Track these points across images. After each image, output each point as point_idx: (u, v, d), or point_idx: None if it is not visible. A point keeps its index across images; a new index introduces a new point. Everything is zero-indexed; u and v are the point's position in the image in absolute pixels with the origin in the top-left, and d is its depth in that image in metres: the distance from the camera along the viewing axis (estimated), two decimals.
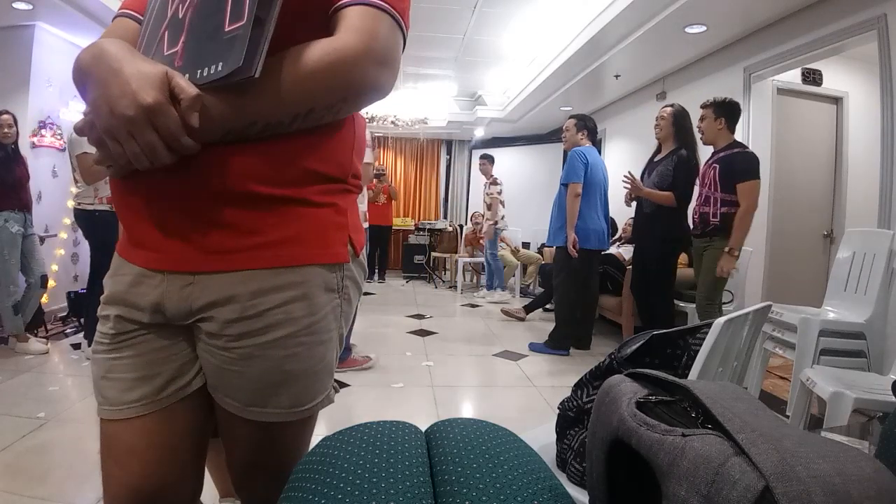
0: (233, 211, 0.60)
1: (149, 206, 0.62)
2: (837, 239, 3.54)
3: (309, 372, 0.66)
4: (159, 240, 0.62)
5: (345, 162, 0.68)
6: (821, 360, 2.17)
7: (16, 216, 3.02)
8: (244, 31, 0.52)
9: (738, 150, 2.58)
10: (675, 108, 3.02)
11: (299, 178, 0.63)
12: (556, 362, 3.28)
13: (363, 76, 0.59)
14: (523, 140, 7.57)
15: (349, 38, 0.58)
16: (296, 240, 0.63)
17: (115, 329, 0.66)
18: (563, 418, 1.02)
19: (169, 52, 0.59)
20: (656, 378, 0.55)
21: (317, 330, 0.65)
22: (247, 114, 0.56)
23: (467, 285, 6.60)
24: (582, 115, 3.63)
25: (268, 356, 0.62)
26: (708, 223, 2.63)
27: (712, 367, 1.04)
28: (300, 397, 0.66)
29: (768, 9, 3.14)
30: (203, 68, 0.54)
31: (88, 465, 1.73)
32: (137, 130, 0.51)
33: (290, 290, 0.62)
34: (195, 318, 0.63)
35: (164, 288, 0.62)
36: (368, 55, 0.58)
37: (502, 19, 4.28)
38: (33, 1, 3.30)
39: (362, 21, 0.59)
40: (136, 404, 0.65)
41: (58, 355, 3.08)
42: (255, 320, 0.61)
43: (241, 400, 0.65)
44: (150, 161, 0.53)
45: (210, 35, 0.55)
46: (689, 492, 0.39)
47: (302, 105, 0.58)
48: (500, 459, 0.59)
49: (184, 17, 0.59)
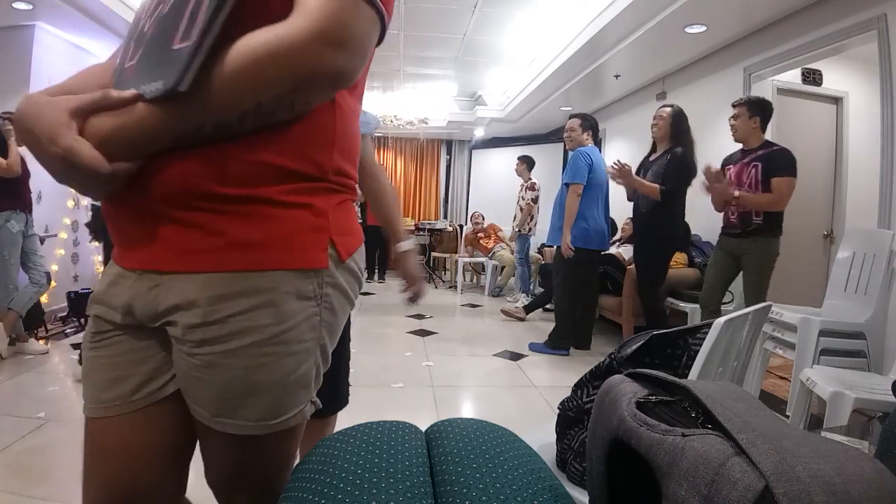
0: (194, 213, 0.58)
1: (123, 210, 0.63)
2: (837, 239, 3.54)
3: (279, 384, 0.62)
4: (132, 239, 0.63)
5: (321, 159, 0.63)
6: (821, 360, 2.17)
7: (17, 216, 3.02)
8: (189, 51, 0.52)
9: (779, 148, 2.54)
10: (674, 109, 3.03)
11: (257, 175, 0.59)
12: (556, 362, 3.28)
13: (314, 62, 0.53)
14: (523, 140, 7.57)
15: (297, 21, 0.53)
16: (262, 243, 0.59)
17: (94, 328, 0.67)
18: (563, 418, 1.02)
19: (128, 64, 0.60)
20: (656, 378, 0.55)
21: (285, 340, 0.61)
22: (190, 120, 0.54)
23: (467, 285, 6.60)
24: (585, 115, 3.61)
25: (231, 365, 0.60)
26: (750, 223, 2.57)
27: (712, 367, 1.04)
28: (270, 410, 0.62)
29: (768, 9, 3.14)
30: (148, 83, 0.54)
31: None
32: (67, 176, 0.55)
33: (255, 297, 0.59)
34: (161, 321, 0.62)
35: (135, 289, 0.62)
36: (320, 37, 0.53)
37: (502, 19, 4.28)
38: (33, 1, 3.30)
39: (319, 2, 0.54)
40: (110, 404, 0.65)
41: (58, 355, 3.08)
42: (218, 327, 0.59)
43: (207, 409, 0.62)
44: (97, 190, 0.58)
45: (158, 51, 0.56)
46: (689, 492, 0.39)
47: (246, 101, 0.54)
48: (500, 459, 0.59)
49: (147, 31, 0.60)
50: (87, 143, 0.54)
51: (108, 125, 0.55)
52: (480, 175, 8.23)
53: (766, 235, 2.54)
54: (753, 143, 2.62)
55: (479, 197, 7.92)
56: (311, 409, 0.68)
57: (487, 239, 6.27)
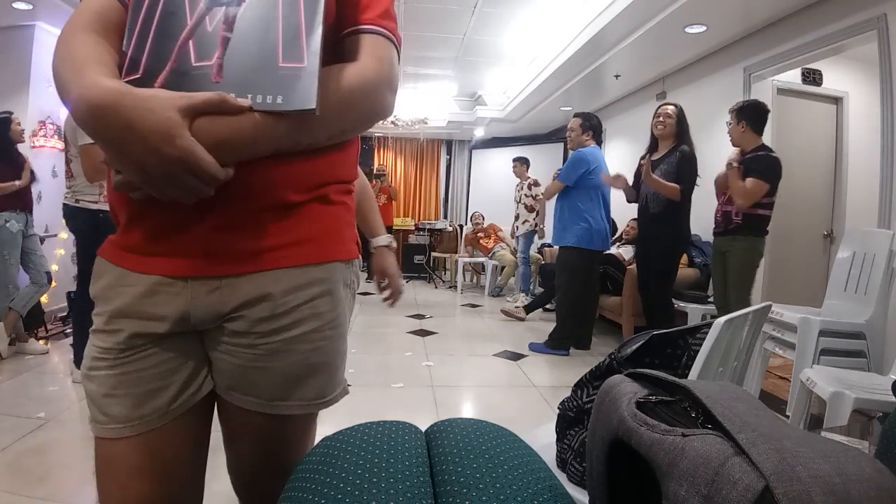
0: (260, 217, 0.62)
1: (171, 216, 0.60)
2: (837, 239, 3.54)
3: (331, 364, 0.68)
4: (182, 247, 0.60)
5: (353, 167, 0.74)
6: (821, 360, 2.17)
7: (17, 216, 3.03)
8: (308, 75, 0.55)
9: (763, 154, 2.61)
10: (678, 108, 3.03)
11: (322, 183, 0.66)
12: (556, 362, 3.28)
13: (383, 101, 0.65)
14: (523, 140, 7.57)
15: (374, 65, 0.63)
16: (319, 238, 0.66)
17: (125, 345, 0.62)
18: (563, 418, 1.02)
19: (198, 64, 0.57)
20: (656, 378, 0.55)
21: (338, 323, 0.68)
22: (295, 136, 0.59)
23: (467, 285, 6.60)
24: (587, 114, 3.59)
25: (293, 350, 0.64)
26: (731, 221, 2.66)
27: (712, 367, 1.04)
28: (324, 389, 0.68)
29: (768, 9, 3.14)
30: (256, 95, 0.55)
31: (88, 465, 1.72)
32: (175, 181, 0.53)
33: (317, 286, 0.65)
34: (223, 320, 0.63)
35: (187, 295, 0.61)
36: (386, 82, 0.64)
37: (502, 19, 4.28)
38: (33, 1, 3.31)
39: (380, 50, 0.65)
40: (148, 418, 0.63)
41: (58, 355, 3.09)
42: (285, 317, 0.63)
43: (263, 396, 0.65)
44: (194, 197, 0.55)
45: (262, 64, 0.57)
46: (689, 492, 0.39)
47: (338, 126, 0.63)
48: (500, 459, 0.59)
49: (215, 32, 0.57)
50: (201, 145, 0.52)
51: (225, 130, 0.54)
52: (480, 175, 8.23)
53: (746, 234, 2.62)
54: (747, 146, 2.68)
55: (479, 197, 7.92)
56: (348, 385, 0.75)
57: (487, 239, 6.27)
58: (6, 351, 2.97)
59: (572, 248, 3.41)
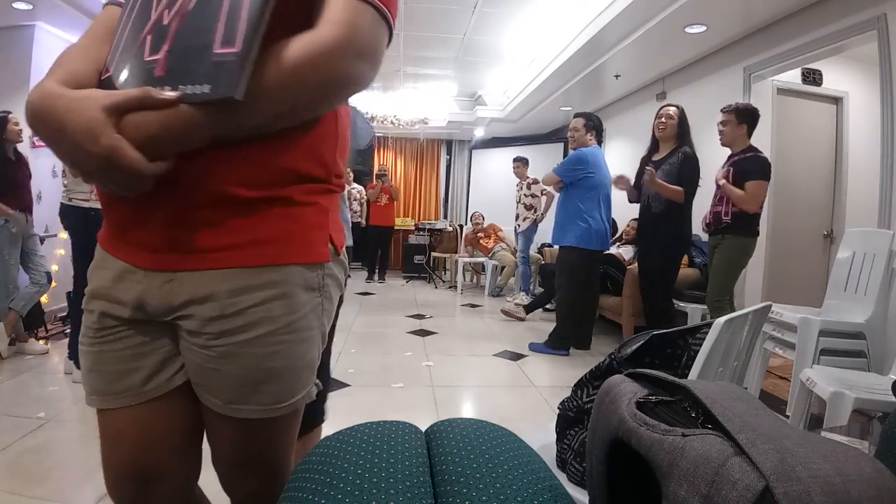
0: (214, 213, 0.61)
1: (133, 208, 0.62)
2: (837, 239, 3.54)
3: (290, 369, 0.66)
4: (141, 238, 0.63)
5: (328, 161, 0.69)
6: (821, 360, 2.17)
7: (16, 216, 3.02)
8: (237, 61, 0.53)
9: (751, 154, 2.66)
10: (680, 109, 3.05)
11: (280, 179, 0.63)
12: (556, 362, 3.28)
13: (343, 70, 0.59)
14: (523, 140, 7.57)
15: (329, 30, 0.57)
16: (278, 239, 0.64)
17: (98, 324, 0.67)
18: (563, 418, 1.02)
19: (149, 58, 0.58)
20: (656, 378, 0.55)
21: (297, 328, 0.66)
22: (232, 122, 0.56)
23: (467, 285, 6.60)
24: (588, 114, 3.59)
25: (248, 354, 0.63)
26: (721, 221, 2.69)
27: (712, 367, 1.04)
28: (282, 394, 0.67)
29: (768, 9, 3.14)
30: (188, 85, 0.54)
31: (88, 465, 1.73)
32: (104, 176, 0.54)
33: (271, 289, 0.63)
34: (175, 314, 0.64)
35: (145, 284, 0.63)
36: (348, 48, 0.58)
37: (502, 19, 4.28)
38: (33, 1, 3.30)
39: (344, 13, 0.58)
40: (121, 395, 0.67)
41: (58, 355, 3.08)
42: (235, 318, 0.62)
43: (222, 398, 0.65)
44: (131, 190, 0.56)
45: (198, 53, 0.55)
46: (689, 492, 0.39)
47: (285, 104, 0.58)
48: (500, 459, 0.59)
49: (169, 25, 0.58)
50: (127, 142, 0.53)
51: (153, 125, 0.54)
52: (480, 175, 8.23)
53: (735, 234, 2.65)
54: (737, 147, 2.73)
55: (479, 197, 7.92)
56: (315, 390, 0.72)
57: (487, 239, 6.27)
58: (6, 351, 2.97)
59: (572, 248, 3.41)
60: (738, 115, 2.69)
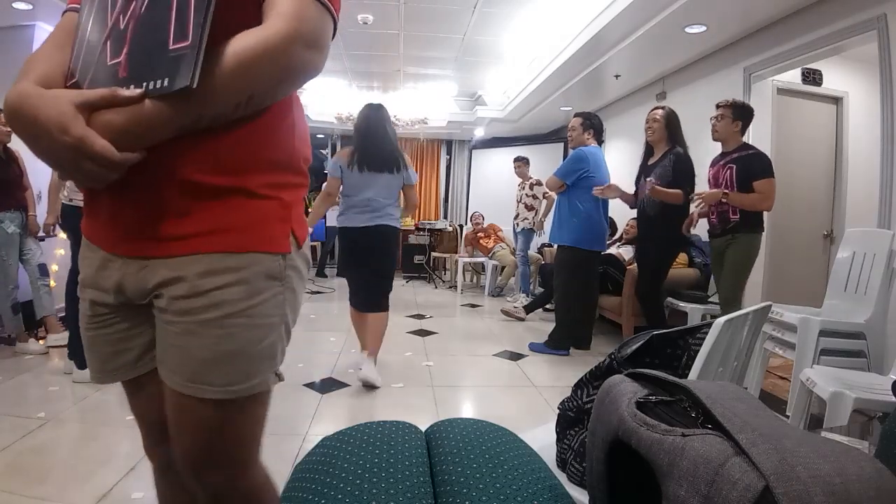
0: (182, 201, 0.66)
1: (108, 198, 0.68)
2: (837, 239, 3.54)
3: (244, 353, 0.69)
4: (117, 228, 0.69)
5: (288, 145, 0.74)
6: (821, 360, 2.17)
7: (11, 216, 3.02)
8: (191, 53, 0.57)
9: (755, 152, 2.64)
10: (666, 111, 3.05)
11: (244, 165, 0.68)
12: (556, 362, 3.28)
13: (295, 59, 0.64)
14: (523, 140, 7.57)
15: (278, 23, 0.62)
16: (240, 228, 0.68)
17: (91, 312, 0.75)
18: (563, 418, 1.02)
19: (112, 62, 0.63)
20: (656, 378, 0.55)
21: (254, 314, 0.69)
22: (193, 112, 0.61)
23: (467, 285, 6.60)
24: (588, 114, 3.58)
25: (205, 334, 0.67)
26: (728, 220, 2.66)
27: (712, 367, 1.04)
28: (234, 377, 0.69)
29: (768, 9, 3.14)
30: (149, 81, 0.59)
31: (88, 465, 1.73)
32: (75, 167, 0.58)
33: (232, 274, 0.68)
34: (150, 296, 0.69)
35: (123, 271, 0.70)
36: (298, 38, 0.63)
37: (502, 19, 4.28)
38: (33, 1, 3.30)
39: (290, 6, 0.63)
40: (118, 372, 0.77)
41: (58, 355, 3.08)
42: (199, 298, 0.67)
43: (181, 375, 0.69)
44: (102, 181, 0.60)
45: (155, 50, 0.60)
46: (689, 492, 0.39)
47: (242, 93, 0.63)
48: (500, 459, 0.59)
49: (125, 29, 0.63)
50: (96, 133, 0.57)
51: (122, 120, 0.59)
52: (480, 175, 8.23)
53: (744, 232, 2.63)
54: (731, 145, 2.71)
55: (479, 197, 7.92)
56: (275, 380, 0.75)
57: (487, 239, 6.27)
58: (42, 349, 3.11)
59: (569, 247, 3.41)
60: (734, 111, 2.68)
